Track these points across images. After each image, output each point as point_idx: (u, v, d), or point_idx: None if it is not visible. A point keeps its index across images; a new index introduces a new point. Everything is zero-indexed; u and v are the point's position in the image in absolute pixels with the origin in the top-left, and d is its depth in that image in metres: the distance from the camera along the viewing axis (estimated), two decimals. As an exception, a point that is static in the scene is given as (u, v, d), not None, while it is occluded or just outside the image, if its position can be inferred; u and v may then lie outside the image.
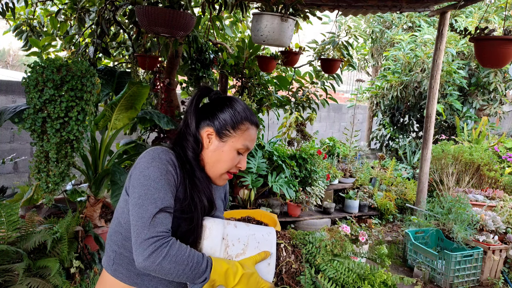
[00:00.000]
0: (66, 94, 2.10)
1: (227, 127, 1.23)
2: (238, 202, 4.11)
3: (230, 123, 1.23)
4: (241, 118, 1.24)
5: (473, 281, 3.34)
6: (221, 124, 1.23)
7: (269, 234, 1.20)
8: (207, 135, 1.24)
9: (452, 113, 6.31)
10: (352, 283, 1.20)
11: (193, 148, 1.23)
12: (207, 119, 1.25)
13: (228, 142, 1.23)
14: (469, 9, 6.82)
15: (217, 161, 1.24)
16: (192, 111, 1.26)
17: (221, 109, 1.25)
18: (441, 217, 3.66)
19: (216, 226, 1.15)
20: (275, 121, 6.97)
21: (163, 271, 1.03)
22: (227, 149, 1.23)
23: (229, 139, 1.23)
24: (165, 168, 1.12)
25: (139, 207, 1.07)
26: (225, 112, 1.24)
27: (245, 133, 1.24)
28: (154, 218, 1.06)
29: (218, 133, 1.23)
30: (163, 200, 1.08)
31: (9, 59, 14.88)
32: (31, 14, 4.29)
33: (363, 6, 4.03)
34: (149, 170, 1.11)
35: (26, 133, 4.29)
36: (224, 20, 4.98)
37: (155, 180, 1.10)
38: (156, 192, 1.08)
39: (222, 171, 1.25)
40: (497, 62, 2.81)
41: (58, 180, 2.17)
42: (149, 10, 2.66)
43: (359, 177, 5.21)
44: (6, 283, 1.98)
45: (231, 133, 1.23)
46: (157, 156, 1.14)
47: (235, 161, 1.25)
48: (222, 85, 4.63)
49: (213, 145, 1.24)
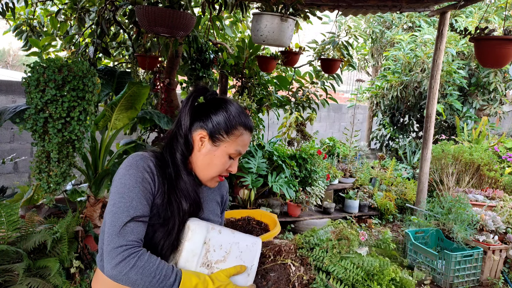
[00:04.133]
0: (68, 94, 2.10)
1: (221, 131, 1.20)
2: (238, 202, 4.11)
3: (224, 128, 1.20)
4: (236, 123, 1.21)
5: (473, 281, 3.34)
6: (215, 127, 1.20)
7: (253, 245, 1.18)
8: (200, 138, 1.21)
9: (452, 113, 6.31)
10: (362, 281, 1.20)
11: (182, 150, 1.21)
12: (201, 121, 1.22)
13: (220, 146, 1.21)
14: (469, 9, 6.82)
15: (208, 164, 1.22)
16: (187, 111, 1.23)
17: (216, 112, 1.22)
18: (441, 217, 3.66)
19: (200, 229, 1.13)
20: (275, 121, 6.97)
21: (130, 282, 1.03)
22: (219, 153, 1.21)
23: (222, 144, 1.21)
24: (141, 176, 1.11)
25: (112, 215, 1.07)
26: (220, 116, 1.21)
27: (238, 138, 1.22)
28: (125, 226, 1.05)
29: (211, 136, 1.20)
30: (136, 209, 1.08)
31: (9, 59, 14.88)
32: (31, 14, 4.29)
33: (363, 6, 4.03)
34: (126, 178, 1.11)
35: (26, 133, 4.29)
36: (224, 20, 4.98)
37: (129, 188, 1.09)
38: (129, 201, 1.08)
39: (212, 175, 1.23)
40: (497, 62, 2.81)
41: (60, 180, 2.17)
42: (149, 10, 2.66)
43: (359, 177, 5.21)
44: (6, 283, 1.98)
45: (224, 137, 1.20)
46: (134, 163, 1.13)
47: (226, 165, 1.23)
48: (222, 85, 4.63)
49: (205, 148, 1.21)
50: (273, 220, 3.09)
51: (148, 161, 1.15)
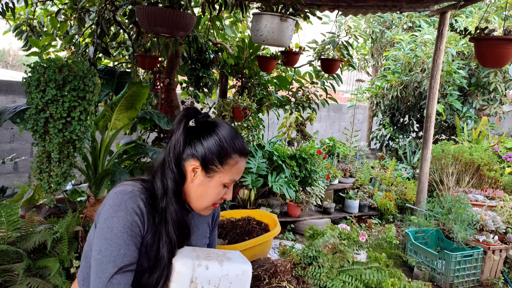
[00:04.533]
0: (69, 94, 2.10)
1: (214, 161, 1.12)
2: (238, 202, 4.12)
3: (218, 158, 1.12)
4: (230, 151, 1.13)
5: (473, 281, 3.34)
6: (207, 157, 1.11)
7: (243, 274, 1.13)
8: (192, 168, 1.13)
9: (452, 113, 6.31)
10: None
11: (174, 181, 1.12)
12: (193, 149, 1.13)
13: (214, 177, 1.13)
14: (469, 9, 6.83)
15: (202, 195, 1.15)
16: (178, 139, 1.13)
17: (208, 139, 1.12)
18: (441, 217, 3.66)
19: (185, 269, 1.09)
20: (275, 121, 6.97)
21: None
22: (213, 184, 1.14)
23: (216, 174, 1.13)
24: (130, 220, 1.04)
25: (99, 264, 1.01)
26: (212, 144, 1.12)
27: (234, 167, 1.14)
28: (112, 279, 1.00)
29: (204, 167, 1.12)
30: (124, 258, 1.02)
31: (9, 59, 14.88)
32: (31, 14, 4.29)
33: (363, 6, 4.03)
34: (113, 221, 1.03)
35: (26, 133, 4.30)
36: (224, 20, 4.98)
37: (117, 235, 1.02)
38: (116, 249, 1.01)
39: (206, 205, 1.17)
40: (497, 62, 2.81)
41: (60, 180, 2.17)
42: (149, 10, 2.66)
43: (359, 177, 5.22)
44: (6, 283, 1.98)
45: (218, 168, 1.13)
46: (123, 204, 1.04)
47: (221, 195, 1.16)
48: (222, 85, 4.63)
49: (198, 179, 1.14)
50: (273, 220, 3.09)
51: (137, 200, 1.06)
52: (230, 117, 3.96)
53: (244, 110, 3.87)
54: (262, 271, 1.32)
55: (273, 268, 1.32)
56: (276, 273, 1.30)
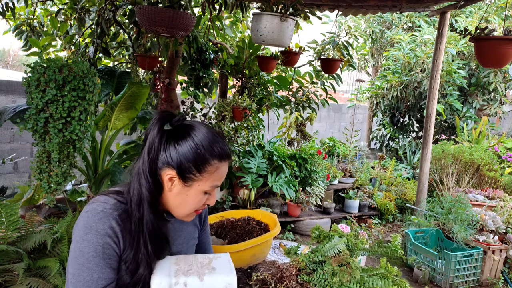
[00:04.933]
0: (69, 94, 2.10)
1: (192, 170, 1.04)
2: (238, 202, 4.12)
3: (195, 165, 1.03)
4: (208, 157, 1.04)
5: (473, 281, 3.34)
6: (184, 166, 1.03)
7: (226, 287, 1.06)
8: (169, 178, 1.05)
9: (452, 113, 6.31)
10: None
11: (150, 191, 1.05)
12: (167, 157, 1.04)
13: (193, 186, 1.06)
14: (469, 9, 6.83)
15: (181, 204, 1.08)
16: (155, 147, 1.04)
17: (183, 145, 1.04)
18: (441, 217, 3.66)
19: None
20: (275, 121, 6.98)
21: None
22: (193, 193, 1.07)
23: (195, 183, 1.06)
24: (102, 242, 0.99)
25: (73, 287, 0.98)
26: (188, 150, 1.03)
27: (214, 174, 1.06)
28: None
29: (182, 176, 1.04)
30: (98, 281, 0.98)
31: (9, 59, 14.89)
32: (31, 14, 4.30)
33: (363, 6, 4.03)
34: (84, 245, 0.99)
35: (26, 133, 4.30)
36: (224, 20, 4.98)
37: (89, 259, 0.98)
38: (89, 275, 0.97)
39: (187, 212, 1.10)
40: (497, 62, 2.81)
41: (60, 180, 2.17)
42: (149, 10, 2.66)
43: (359, 177, 5.22)
44: (6, 283, 1.98)
45: (196, 176, 1.05)
46: (94, 226, 0.99)
47: (202, 201, 1.10)
48: (222, 85, 4.63)
49: (176, 189, 1.06)
50: (273, 220, 3.09)
51: (109, 220, 1.00)
52: (230, 117, 3.96)
53: (244, 110, 3.87)
54: (268, 275, 1.32)
55: (279, 273, 1.33)
56: (282, 278, 1.30)
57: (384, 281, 1.27)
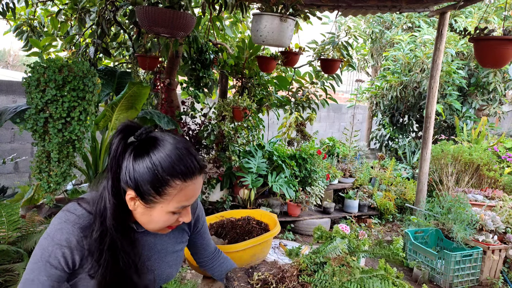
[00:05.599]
0: (68, 95, 2.10)
1: (150, 192, 0.94)
2: (238, 202, 4.12)
3: (153, 188, 0.93)
4: (168, 179, 0.93)
5: (473, 281, 3.35)
6: (142, 188, 0.94)
7: None
8: (130, 198, 0.97)
9: (451, 113, 6.32)
10: None
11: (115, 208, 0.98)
12: (126, 176, 0.95)
13: (156, 208, 0.97)
14: (468, 9, 6.83)
15: (149, 222, 1.01)
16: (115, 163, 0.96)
17: (140, 165, 0.93)
18: (440, 217, 3.67)
19: None
20: (275, 121, 6.98)
21: None
22: (157, 214, 0.98)
23: (157, 205, 0.97)
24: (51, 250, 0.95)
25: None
26: (144, 171, 0.93)
27: (177, 195, 0.96)
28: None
29: (141, 198, 0.96)
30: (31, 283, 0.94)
31: (9, 59, 14.89)
32: (32, 14, 4.30)
33: (362, 7, 4.04)
34: (38, 247, 0.96)
35: (27, 133, 4.30)
36: (224, 20, 4.99)
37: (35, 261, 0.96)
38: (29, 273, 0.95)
39: (158, 229, 1.03)
40: (497, 62, 2.82)
41: (60, 180, 2.18)
42: (149, 10, 2.67)
43: (359, 177, 5.22)
44: (7, 283, 1.98)
45: (157, 199, 0.95)
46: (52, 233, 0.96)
47: (172, 220, 1.01)
48: (222, 85, 4.64)
49: (139, 209, 0.98)
50: (273, 220, 3.09)
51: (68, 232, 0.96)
52: (230, 117, 3.96)
53: (244, 110, 3.88)
54: (270, 275, 1.32)
55: (281, 274, 1.33)
56: (283, 278, 1.31)
57: (384, 282, 1.28)
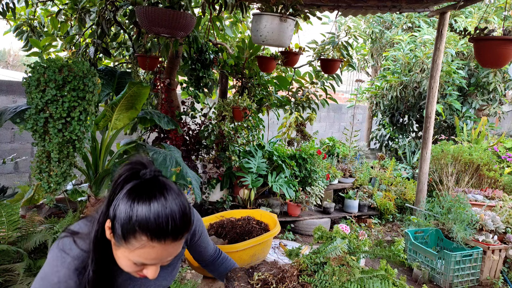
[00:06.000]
0: (69, 95, 2.10)
1: (118, 231, 0.92)
2: (238, 202, 4.12)
3: (122, 229, 0.91)
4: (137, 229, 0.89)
5: (473, 281, 3.35)
6: (115, 224, 0.93)
7: None
8: (107, 226, 0.96)
9: (451, 113, 6.32)
10: None
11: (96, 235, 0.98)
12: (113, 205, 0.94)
13: (120, 249, 0.94)
14: (468, 9, 6.83)
15: (117, 259, 0.98)
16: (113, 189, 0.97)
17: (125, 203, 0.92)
18: (440, 217, 3.67)
19: None
20: (275, 121, 6.98)
21: None
22: (120, 255, 0.96)
23: (121, 247, 0.94)
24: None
25: None
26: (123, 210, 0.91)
27: (138, 250, 0.91)
28: None
29: (113, 233, 0.94)
30: None
31: (9, 59, 14.89)
32: (32, 14, 4.30)
33: (362, 7, 4.04)
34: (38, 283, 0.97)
35: (27, 133, 4.30)
36: (224, 20, 4.99)
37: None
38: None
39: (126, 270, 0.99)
40: (497, 62, 2.82)
41: (60, 180, 2.18)
42: (149, 10, 2.67)
43: (359, 177, 5.22)
44: (7, 283, 1.98)
45: (121, 242, 0.92)
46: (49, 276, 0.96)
47: (135, 268, 0.96)
48: (222, 85, 4.64)
49: (112, 240, 0.96)
50: (273, 220, 3.09)
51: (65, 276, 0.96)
52: (230, 117, 3.96)
53: (244, 110, 3.88)
54: (270, 275, 1.32)
55: (281, 274, 1.33)
56: (283, 278, 1.31)
57: (384, 283, 1.28)
